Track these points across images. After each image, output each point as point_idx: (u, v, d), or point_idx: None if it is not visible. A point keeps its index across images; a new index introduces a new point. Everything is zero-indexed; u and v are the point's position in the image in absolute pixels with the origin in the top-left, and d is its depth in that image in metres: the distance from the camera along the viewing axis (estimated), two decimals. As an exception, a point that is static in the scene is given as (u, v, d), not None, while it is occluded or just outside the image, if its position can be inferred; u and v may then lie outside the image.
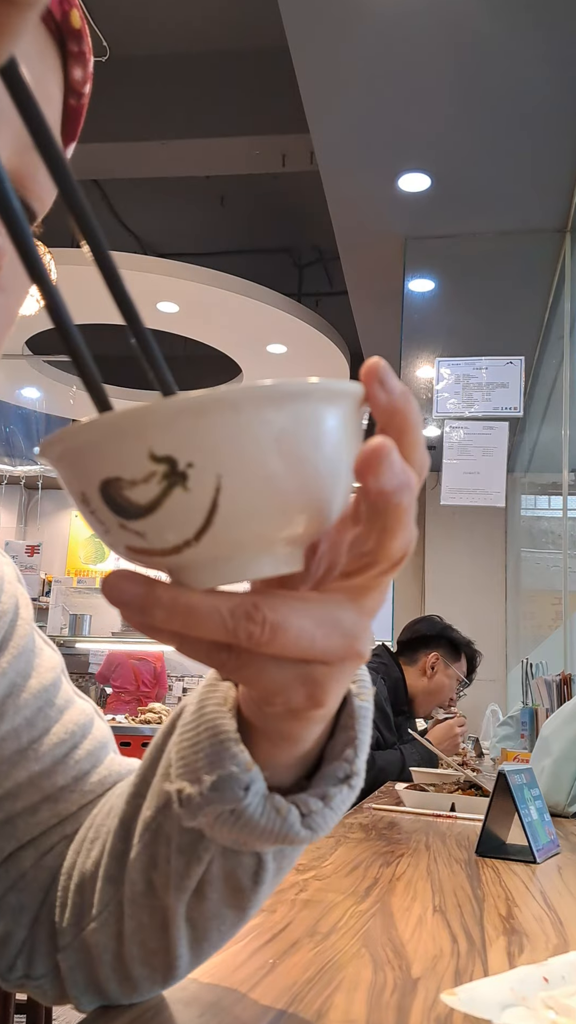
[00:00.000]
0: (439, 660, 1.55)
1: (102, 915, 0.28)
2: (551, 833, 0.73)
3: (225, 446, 0.16)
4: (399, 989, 0.34)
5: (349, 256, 2.68)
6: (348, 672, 0.19)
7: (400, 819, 0.92)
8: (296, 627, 0.17)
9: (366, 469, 0.17)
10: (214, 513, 0.16)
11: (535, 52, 1.80)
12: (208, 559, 0.17)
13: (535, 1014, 0.28)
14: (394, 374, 0.19)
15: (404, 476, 0.17)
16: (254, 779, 0.22)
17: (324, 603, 0.18)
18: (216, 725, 0.23)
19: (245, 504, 0.16)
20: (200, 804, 0.22)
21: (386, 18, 1.76)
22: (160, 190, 3.40)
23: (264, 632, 0.17)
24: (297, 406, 0.17)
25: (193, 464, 0.16)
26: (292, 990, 0.33)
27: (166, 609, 0.17)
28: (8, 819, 0.31)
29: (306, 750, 0.22)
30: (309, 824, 0.22)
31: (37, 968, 0.30)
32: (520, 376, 2.26)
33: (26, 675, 0.32)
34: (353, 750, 0.23)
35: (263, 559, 0.18)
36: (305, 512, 0.17)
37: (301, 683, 0.19)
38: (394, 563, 0.19)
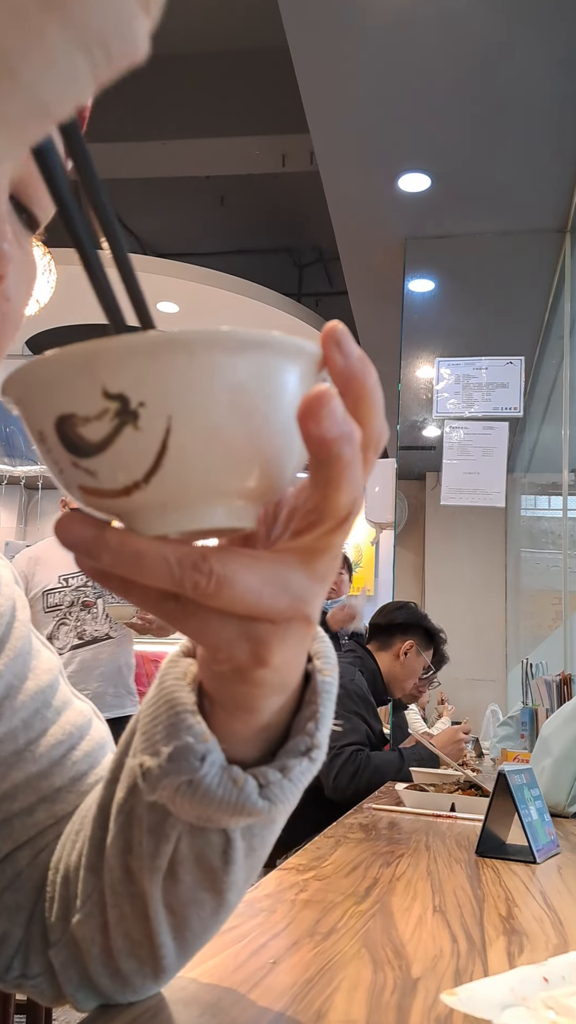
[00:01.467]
0: (413, 648, 1.58)
1: (86, 906, 0.28)
2: (551, 833, 0.73)
3: (177, 388, 0.16)
4: (399, 989, 0.34)
5: (349, 256, 2.68)
6: (295, 634, 0.19)
7: (400, 819, 0.92)
8: (243, 582, 0.18)
9: (306, 415, 0.17)
10: (163, 455, 0.16)
11: (536, 52, 1.81)
12: (157, 504, 0.17)
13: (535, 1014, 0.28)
14: (353, 339, 0.19)
15: (346, 427, 0.17)
16: (210, 750, 0.22)
17: (274, 562, 0.19)
18: (174, 698, 0.23)
19: (194, 449, 0.17)
20: (159, 776, 0.22)
21: (386, 18, 1.76)
22: (160, 190, 3.40)
23: (210, 583, 0.17)
24: (250, 356, 0.17)
25: (145, 403, 0.16)
26: (292, 990, 0.33)
27: (114, 552, 0.17)
28: (5, 820, 0.31)
29: (266, 722, 0.22)
30: (267, 795, 0.22)
31: (33, 967, 0.30)
32: (520, 376, 2.26)
33: (23, 677, 0.32)
34: (315, 723, 0.23)
35: (213, 510, 0.18)
36: (255, 465, 0.17)
37: (246, 639, 0.19)
38: (340, 521, 0.19)
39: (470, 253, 2.56)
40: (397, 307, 2.65)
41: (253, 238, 3.70)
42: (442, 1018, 0.31)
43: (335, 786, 1.32)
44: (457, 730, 1.47)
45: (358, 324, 3.09)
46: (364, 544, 6.13)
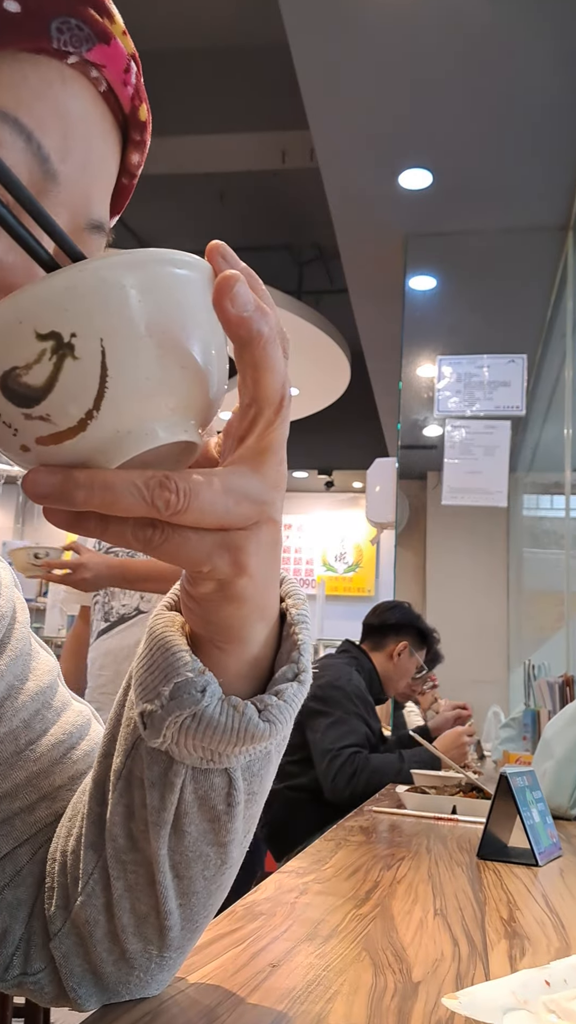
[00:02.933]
0: (406, 648, 1.58)
1: (88, 886, 0.28)
2: (553, 836, 0.73)
3: (100, 311, 0.17)
4: (400, 993, 0.34)
5: (350, 253, 2.67)
6: (266, 538, 0.21)
7: (401, 822, 0.92)
8: (207, 495, 0.19)
9: (220, 295, 0.18)
10: (105, 376, 0.18)
11: (537, 48, 1.80)
12: (112, 432, 0.18)
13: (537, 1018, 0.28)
14: (233, 252, 0.21)
15: (260, 305, 0.19)
16: (209, 681, 0.23)
17: (228, 474, 0.20)
18: (166, 642, 0.24)
19: (132, 363, 0.18)
20: (162, 716, 0.23)
21: (387, 14, 1.75)
22: (159, 187, 3.39)
23: (180, 499, 0.19)
24: (156, 270, 0.18)
25: (76, 333, 0.17)
26: (292, 994, 0.32)
27: (85, 488, 0.18)
28: (6, 819, 0.31)
29: (255, 654, 0.24)
30: (267, 717, 0.23)
31: (34, 963, 0.30)
32: (522, 374, 2.25)
33: (23, 678, 0.32)
34: (297, 651, 0.25)
35: (160, 427, 0.19)
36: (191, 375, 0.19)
37: (224, 549, 0.20)
38: (275, 408, 0.20)
39: (472, 250, 2.55)
40: (398, 305, 2.64)
41: (253, 235, 3.70)
42: (443, 1022, 0.30)
43: (333, 788, 1.32)
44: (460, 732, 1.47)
45: (359, 322, 3.09)
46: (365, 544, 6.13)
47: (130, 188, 0.29)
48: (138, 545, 0.20)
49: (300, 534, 6.11)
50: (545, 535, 3.17)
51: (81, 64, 0.24)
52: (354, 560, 6.16)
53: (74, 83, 0.24)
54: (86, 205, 0.25)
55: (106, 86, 0.25)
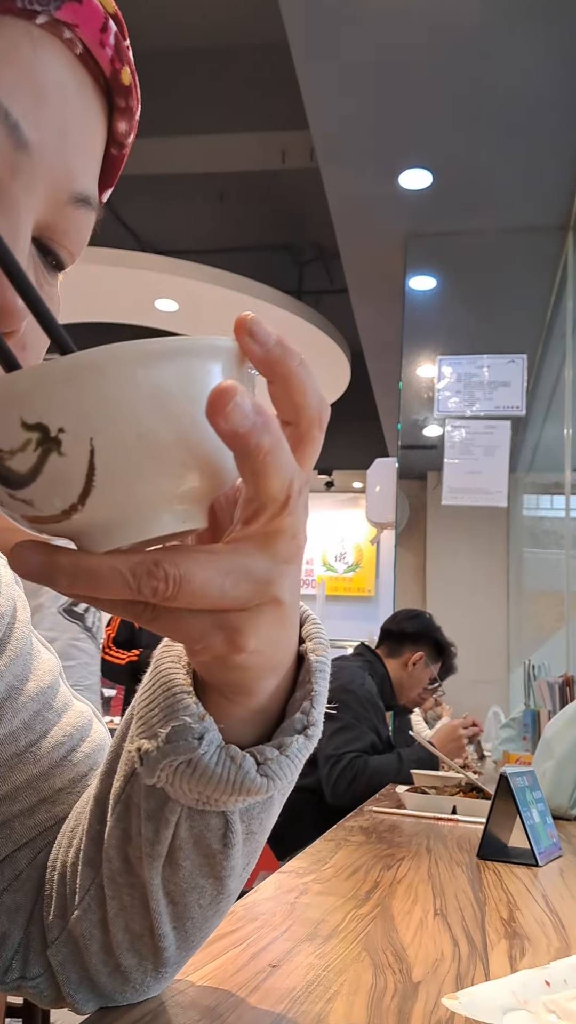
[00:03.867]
0: (422, 660, 1.59)
1: (84, 901, 0.28)
2: (553, 836, 0.73)
3: (93, 409, 0.16)
4: (400, 993, 0.34)
5: (349, 253, 2.67)
6: (268, 618, 0.20)
7: (401, 822, 0.92)
8: (201, 578, 0.18)
9: (212, 412, 0.17)
10: (92, 475, 0.17)
11: (537, 49, 1.80)
12: (101, 521, 0.18)
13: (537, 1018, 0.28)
14: (266, 325, 0.19)
15: (257, 417, 0.17)
16: (208, 728, 0.22)
17: (231, 553, 0.19)
18: (169, 680, 0.23)
19: (123, 464, 0.17)
20: (157, 758, 0.22)
21: (386, 14, 1.75)
22: (159, 187, 3.39)
23: (169, 587, 0.18)
24: (162, 365, 0.17)
25: (64, 429, 0.16)
26: (292, 994, 0.32)
27: (68, 575, 0.18)
28: (6, 821, 0.30)
29: (262, 704, 0.23)
30: (265, 772, 0.22)
31: (32, 968, 0.30)
32: (522, 374, 2.25)
33: (24, 678, 0.32)
34: (309, 702, 0.23)
35: (158, 517, 0.18)
36: (190, 468, 0.18)
37: (219, 629, 0.19)
38: (280, 505, 0.19)
39: (471, 250, 2.55)
40: (398, 305, 2.64)
41: (253, 235, 3.69)
42: (443, 1022, 0.30)
43: (334, 792, 1.32)
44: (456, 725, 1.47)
45: (359, 322, 3.09)
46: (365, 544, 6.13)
47: (120, 159, 0.27)
48: (131, 618, 0.19)
49: (300, 534, 6.09)
50: (545, 535, 3.16)
51: (51, 24, 0.22)
52: (354, 560, 6.16)
53: (46, 45, 0.22)
54: (68, 177, 0.24)
55: (82, 48, 0.23)
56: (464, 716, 1.55)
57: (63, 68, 0.23)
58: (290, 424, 0.20)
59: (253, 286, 3.33)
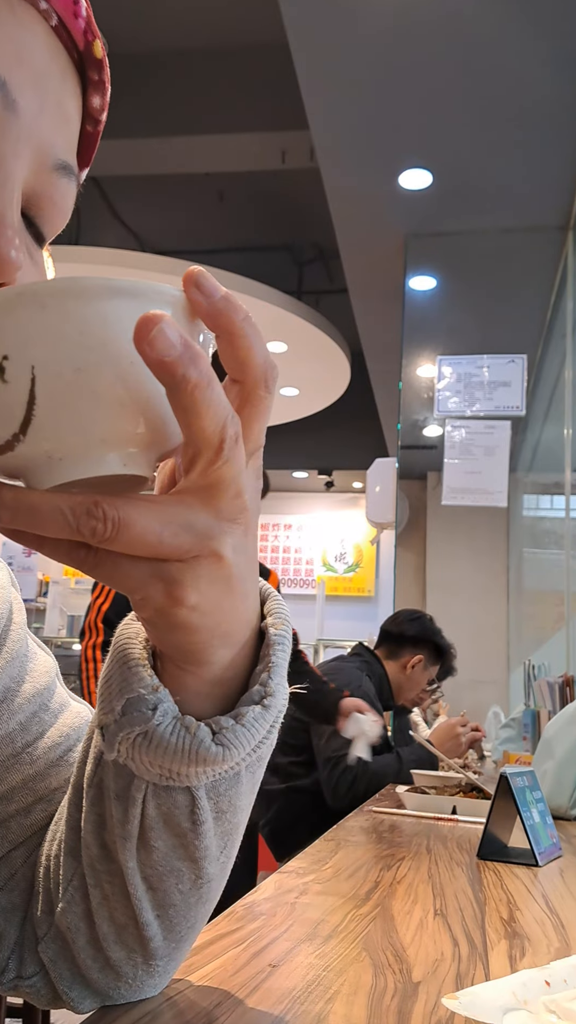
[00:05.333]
0: (421, 662, 1.58)
1: (67, 892, 0.27)
2: (553, 836, 0.73)
3: (34, 339, 0.17)
4: (400, 993, 0.34)
5: (350, 253, 2.67)
6: (207, 572, 0.20)
7: (401, 822, 0.91)
8: (140, 524, 0.18)
9: (139, 338, 0.17)
10: (32, 404, 0.17)
11: (537, 48, 1.80)
12: (42, 456, 0.18)
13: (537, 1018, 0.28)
14: (213, 279, 0.19)
15: (186, 349, 0.17)
16: (162, 699, 0.22)
17: (173, 504, 0.19)
18: (126, 654, 0.23)
19: (63, 396, 0.17)
20: (114, 731, 0.23)
21: (386, 14, 1.75)
22: (159, 187, 3.39)
23: (107, 528, 0.18)
24: (103, 302, 0.17)
25: (8, 357, 0.17)
26: (292, 994, 0.32)
27: (9, 509, 0.18)
28: (2, 822, 0.30)
29: (217, 675, 0.23)
30: (221, 740, 0.22)
31: (28, 967, 0.30)
32: (522, 375, 2.25)
33: (20, 680, 0.32)
34: (267, 674, 0.23)
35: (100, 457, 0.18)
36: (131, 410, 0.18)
37: (158, 580, 0.19)
38: (215, 449, 0.19)
39: (472, 250, 2.55)
40: (398, 305, 2.64)
41: (253, 235, 3.69)
42: (443, 1022, 0.30)
43: (334, 794, 1.32)
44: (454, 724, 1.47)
45: (359, 322, 3.09)
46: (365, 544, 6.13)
47: (95, 136, 0.28)
48: (72, 564, 0.19)
49: (300, 534, 6.11)
50: (545, 535, 3.16)
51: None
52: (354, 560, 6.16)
53: (23, 13, 0.23)
54: (50, 143, 0.24)
55: (56, 19, 0.24)
56: (462, 715, 1.56)
57: (40, 36, 0.24)
58: (237, 382, 0.20)
59: (253, 286, 3.33)
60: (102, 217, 3.48)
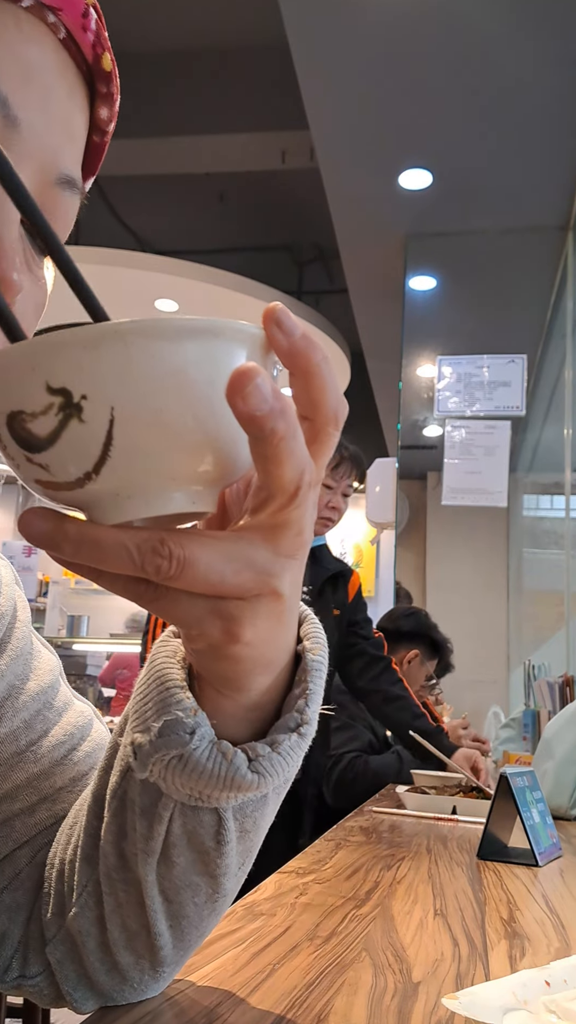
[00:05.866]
0: (417, 658, 1.57)
1: (81, 897, 0.28)
2: (553, 836, 0.73)
3: (116, 379, 0.16)
4: (400, 993, 0.34)
5: (349, 254, 2.67)
6: (265, 610, 0.20)
7: (401, 822, 0.91)
8: (204, 562, 0.18)
9: (232, 392, 0.17)
10: (109, 445, 0.17)
11: (537, 49, 1.80)
12: (111, 493, 0.18)
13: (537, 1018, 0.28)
14: (293, 317, 0.19)
15: (276, 402, 0.17)
16: (200, 723, 0.22)
17: (235, 541, 0.19)
18: (164, 675, 0.23)
19: (140, 437, 0.17)
20: (149, 752, 0.23)
21: (386, 14, 1.75)
22: (159, 187, 3.39)
23: (172, 566, 0.18)
24: (187, 343, 0.17)
25: (87, 396, 0.17)
26: (292, 994, 0.32)
27: (73, 543, 0.18)
28: (6, 820, 0.30)
29: (255, 701, 0.23)
30: (256, 768, 0.22)
31: (32, 966, 0.30)
32: (522, 375, 2.25)
33: (24, 678, 0.32)
34: (304, 701, 0.23)
35: (168, 496, 0.18)
36: (205, 450, 0.18)
37: (216, 616, 0.19)
38: (290, 496, 0.19)
39: (472, 251, 2.55)
40: (398, 305, 2.64)
41: (253, 235, 3.69)
42: (443, 1022, 0.30)
43: (334, 793, 1.32)
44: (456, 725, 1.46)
45: (359, 322, 3.09)
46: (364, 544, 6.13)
47: (102, 147, 0.28)
48: (130, 597, 0.19)
49: (300, 534, 6.10)
50: (545, 535, 3.17)
51: (36, 8, 0.23)
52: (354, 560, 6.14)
53: (30, 28, 0.23)
54: (54, 158, 0.24)
55: (65, 32, 0.24)
56: (463, 717, 1.55)
57: (48, 51, 0.24)
58: (307, 419, 0.20)
59: (253, 286, 3.33)
60: (102, 217, 3.48)
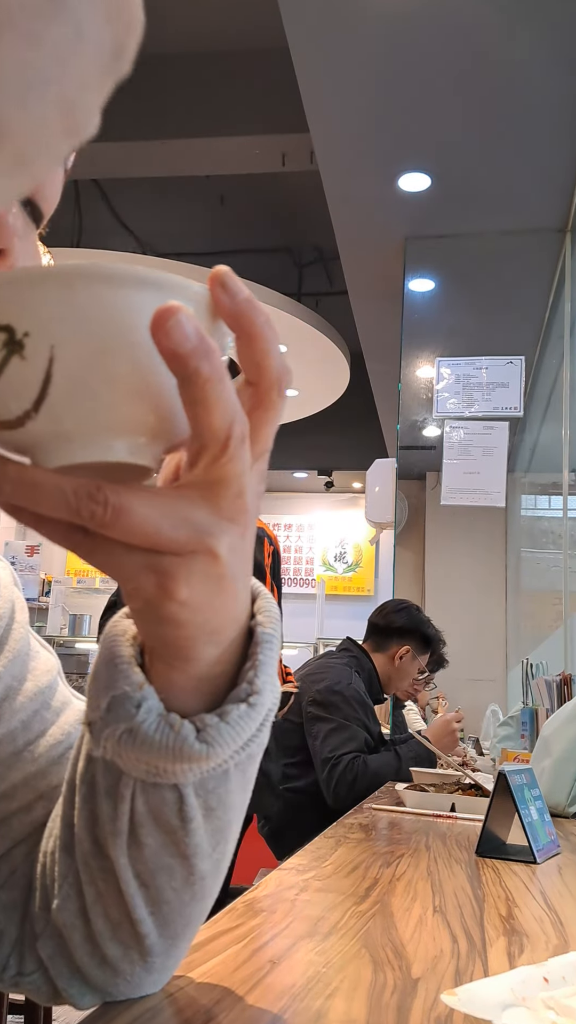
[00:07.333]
0: (409, 653, 1.57)
1: (63, 889, 0.27)
2: (551, 833, 0.73)
3: (57, 318, 0.17)
4: (399, 990, 0.34)
5: (349, 256, 2.68)
6: (201, 568, 0.20)
7: (400, 819, 0.92)
8: (140, 513, 0.18)
9: (156, 327, 0.17)
10: (48, 383, 0.17)
11: (536, 51, 1.80)
12: (51, 435, 0.18)
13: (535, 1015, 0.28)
14: (238, 280, 0.19)
15: (201, 343, 0.17)
16: (146, 696, 0.22)
17: (173, 495, 0.19)
18: (112, 652, 0.24)
19: (78, 378, 0.17)
20: (100, 728, 0.23)
21: (386, 17, 1.76)
22: (159, 189, 3.39)
23: (107, 513, 0.18)
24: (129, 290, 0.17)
25: (29, 333, 0.17)
26: (292, 991, 0.33)
27: (12, 483, 0.18)
28: (4, 819, 0.31)
29: (204, 672, 0.23)
30: (205, 738, 0.22)
31: (28, 964, 0.30)
32: (520, 376, 2.25)
33: (22, 678, 0.32)
34: (254, 672, 0.23)
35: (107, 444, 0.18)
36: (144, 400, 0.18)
37: (151, 571, 0.19)
38: (221, 445, 0.19)
39: (470, 253, 2.55)
40: (397, 307, 2.65)
41: (252, 237, 3.70)
42: (442, 1018, 0.30)
43: (335, 796, 1.31)
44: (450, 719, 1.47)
45: (358, 324, 3.09)
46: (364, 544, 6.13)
47: None
48: (68, 546, 0.19)
49: (300, 534, 6.11)
50: (543, 535, 3.17)
51: None
52: (354, 560, 6.16)
53: None
54: None
55: None
56: (456, 711, 1.56)
57: None
58: (251, 384, 0.20)
59: (253, 288, 3.31)
60: (103, 219, 3.48)
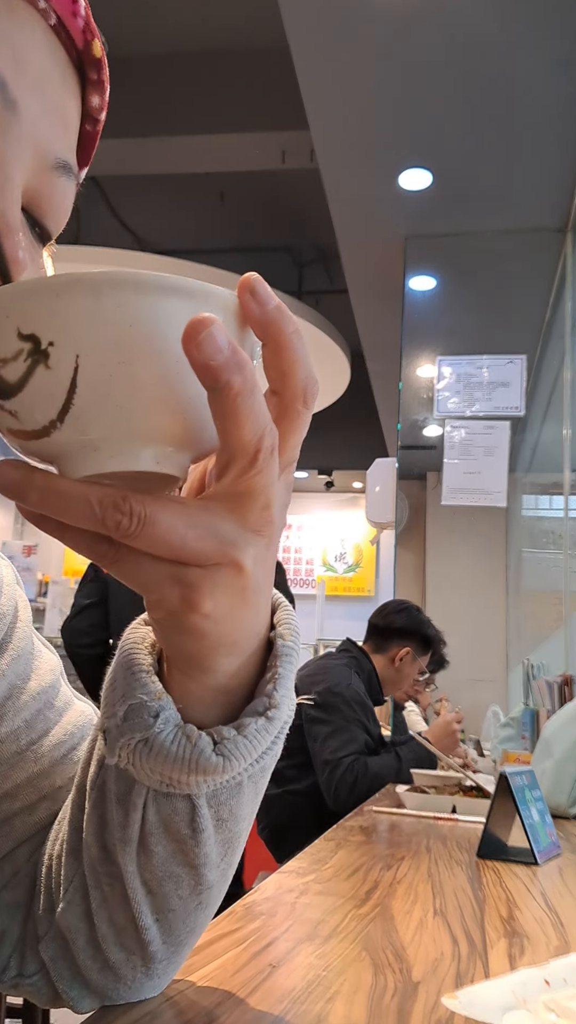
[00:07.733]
0: (409, 654, 1.57)
1: (68, 892, 0.27)
2: (552, 835, 0.73)
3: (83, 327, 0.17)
4: (400, 993, 0.34)
5: (349, 254, 2.67)
6: (225, 581, 0.19)
7: (401, 821, 0.92)
8: (165, 524, 0.18)
9: (187, 339, 0.17)
10: (73, 392, 0.17)
11: (537, 49, 1.80)
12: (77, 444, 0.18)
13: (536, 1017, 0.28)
14: (268, 288, 0.19)
15: (232, 355, 0.17)
16: (164, 707, 0.22)
17: (199, 507, 0.19)
18: (130, 660, 0.24)
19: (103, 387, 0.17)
20: (116, 736, 0.23)
21: (386, 15, 1.75)
22: (159, 187, 3.39)
23: (132, 523, 0.18)
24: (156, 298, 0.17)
25: (54, 343, 0.17)
26: (292, 994, 0.32)
27: (39, 492, 0.18)
28: (6, 819, 0.30)
29: (222, 684, 0.22)
30: (222, 751, 0.22)
31: (29, 965, 0.29)
32: (521, 375, 2.25)
33: (25, 677, 0.32)
34: (273, 685, 0.23)
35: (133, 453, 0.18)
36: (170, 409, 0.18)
37: (175, 583, 0.19)
38: (250, 458, 0.18)
39: (471, 251, 2.55)
40: (398, 305, 2.64)
41: (253, 235, 3.69)
42: (443, 1021, 0.30)
43: (335, 798, 1.31)
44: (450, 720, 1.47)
45: (359, 323, 3.09)
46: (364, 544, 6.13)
47: (95, 136, 0.28)
48: (93, 557, 0.19)
49: (300, 534, 6.11)
50: (544, 535, 3.17)
51: None
52: (354, 560, 6.16)
53: (23, 13, 0.23)
54: (50, 143, 0.24)
55: (55, 19, 0.24)
56: (456, 711, 1.56)
57: (40, 36, 0.24)
58: (276, 393, 0.20)
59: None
60: (102, 217, 3.48)
